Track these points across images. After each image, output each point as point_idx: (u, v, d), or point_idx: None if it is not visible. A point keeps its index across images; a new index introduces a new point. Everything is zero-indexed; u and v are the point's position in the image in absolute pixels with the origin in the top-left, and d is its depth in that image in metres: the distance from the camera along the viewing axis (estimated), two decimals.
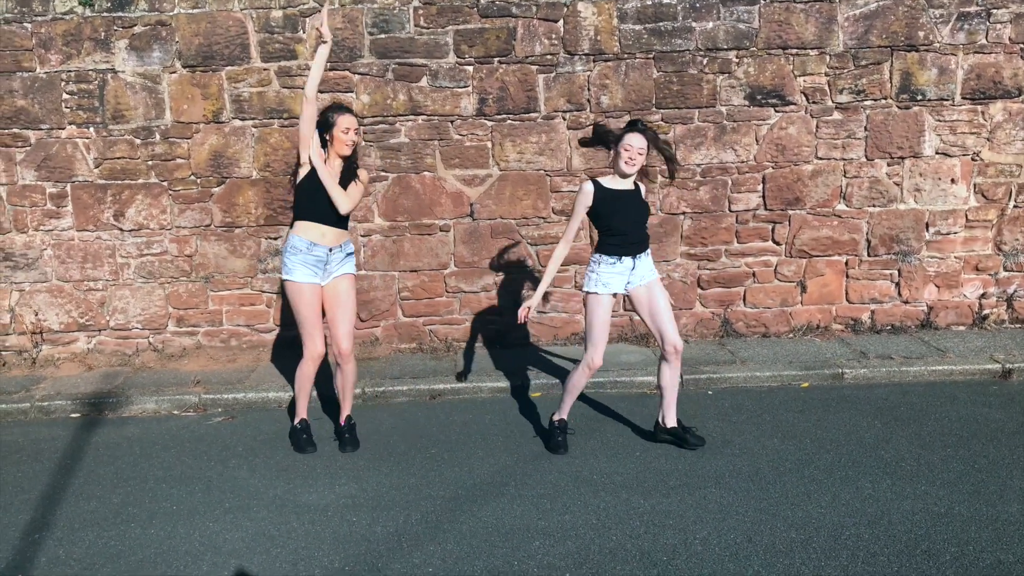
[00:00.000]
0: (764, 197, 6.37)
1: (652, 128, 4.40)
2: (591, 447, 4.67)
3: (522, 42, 6.10)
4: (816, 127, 6.28)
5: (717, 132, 6.25)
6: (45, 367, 6.21)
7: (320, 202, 4.52)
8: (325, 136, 4.57)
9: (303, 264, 4.54)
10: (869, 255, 6.48)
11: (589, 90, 6.16)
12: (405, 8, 6.02)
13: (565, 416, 4.67)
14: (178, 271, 6.31)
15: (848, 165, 6.34)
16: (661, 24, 6.10)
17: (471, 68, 6.11)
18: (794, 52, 6.17)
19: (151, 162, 6.15)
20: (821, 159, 6.33)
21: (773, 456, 4.48)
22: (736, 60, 6.17)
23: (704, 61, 6.15)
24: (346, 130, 4.52)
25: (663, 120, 6.20)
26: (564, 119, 6.20)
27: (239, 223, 6.24)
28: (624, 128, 4.34)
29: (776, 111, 6.25)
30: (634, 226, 4.35)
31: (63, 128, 6.09)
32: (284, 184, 6.18)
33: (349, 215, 4.67)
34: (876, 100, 6.26)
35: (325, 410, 5.33)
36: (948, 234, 6.46)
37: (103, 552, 3.68)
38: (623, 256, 4.33)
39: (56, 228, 6.21)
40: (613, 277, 4.35)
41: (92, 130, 6.10)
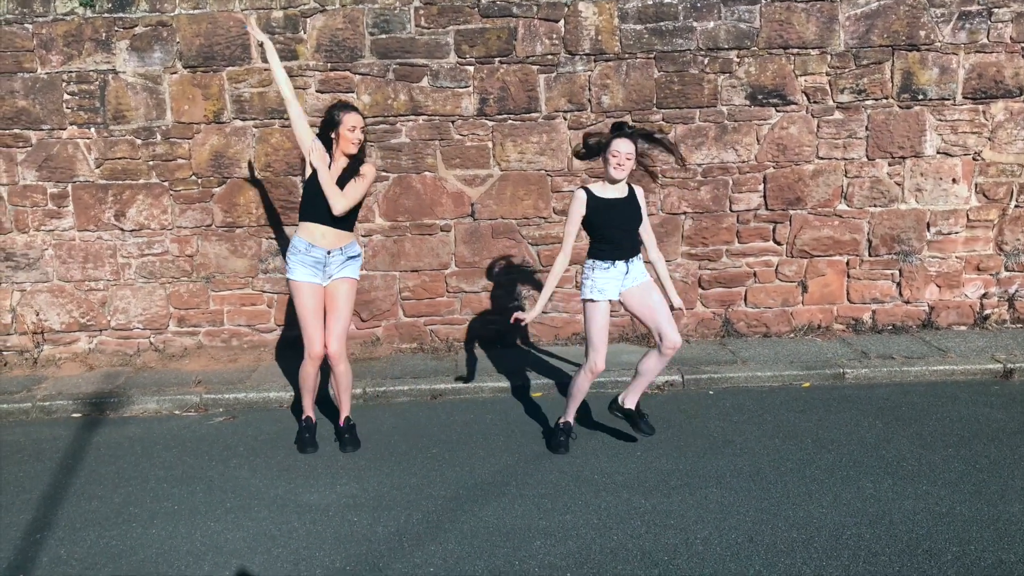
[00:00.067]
0: (765, 197, 6.36)
1: (641, 128, 4.37)
2: (592, 447, 4.67)
3: (523, 42, 6.10)
4: (817, 127, 6.28)
5: (718, 132, 6.25)
6: (46, 367, 6.22)
7: (320, 203, 4.49)
8: (331, 134, 4.53)
9: (302, 264, 4.54)
10: (870, 255, 6.47)
11: (590, 90, 6.16)
12: (406, 8, 6.02)
13: (570, 419, 4.69)
14: (179, 271, 6.31)
15: (849, 165, 6.34)
16: (662, 24, 6.10)
17: (472, 68, 6.11)
18: (795, 52, 6.17)
19: (152, 162, 6.16)
20: (822, 159, 6.33)
21: (774, 456, 4.48)
22: (737, 60, 6.16)
23: (705, 61, 6.15)
24: (352, 128, 4.47)
25: (664, 120, 6.20)
26: (565, 119, 6.20)
27: (240, 223, 6.25)
28: (610, 133, 4.28)
29: (777, 111, 6.25)
30: (625, 234, 4.35)
31: (64, 128, 6.10)
32: (285, 184, 6.18)
33: (355, 216, 4.65)
34: (877, 100, 6.26)
35: (325, 412, 5.33)
36: (949, 234, 6.46)
37: (105, 552, 3.69)
38: (616, 260, 4.33)
39: (57, 228, 6.22)
40: (608, 282, 4.35)
41: (93, 130, 6.10)
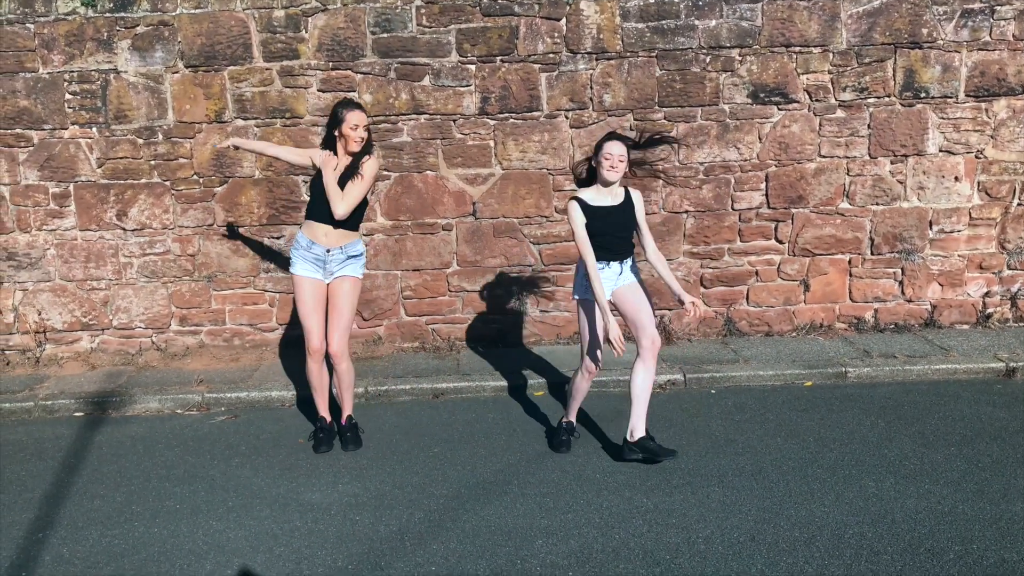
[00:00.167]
0: (767, 195, 6.35)
1: (632, 139, 4.38)
2: (594, 446, 4.67)
3: (524, 41, 6.09)
4: (819, 125, 6.27)
5: (720, 130, 6.24)
6: (48, 366, 6.22)
7: (322, 203, 4.50)
8: (334, 132, 4.52)
9: (303, 259, 4.58)
10: (872, 253, 6.46)
11: (592, 89, 6.16)
12: (407, 7, 6.02)
13: (572, 419, 4.70)
14: (181, 270, 6.31)
15: (851, 163, 6.33)
16: (664, 22, 6.09)
17: (473, 67, 6.11)
18: (797, 50, 6.15)
19: (154, 162, 6.16)
20: (824, 157, 6.32)
21: (776, 455, 4.47)
22: (739, 58, 6.16)
23: (707, 59, 6.14)
24: (354, 127, 4.45)
25: (666, 119, 6.20)
26: (567, 118, 6.19)
27: (241, 222, 6.25)
28: (601, 139, 4.34)
29: (779, 109, 6.24)
30: (618, 240, 4.35)
31: (66, 128, 6.10)
32: (286, 183, 6.18)
33: (360, 216, 4.63)
34: (879, 98, 6.24)
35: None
36: (952, 232, 6.44)
37: (107, 550, 3.69)
38: (611, 262, 4.34)
39: (59, 228, 6.22)
40: (602, 282, 4.35)
41: (95, 130, 6.10)
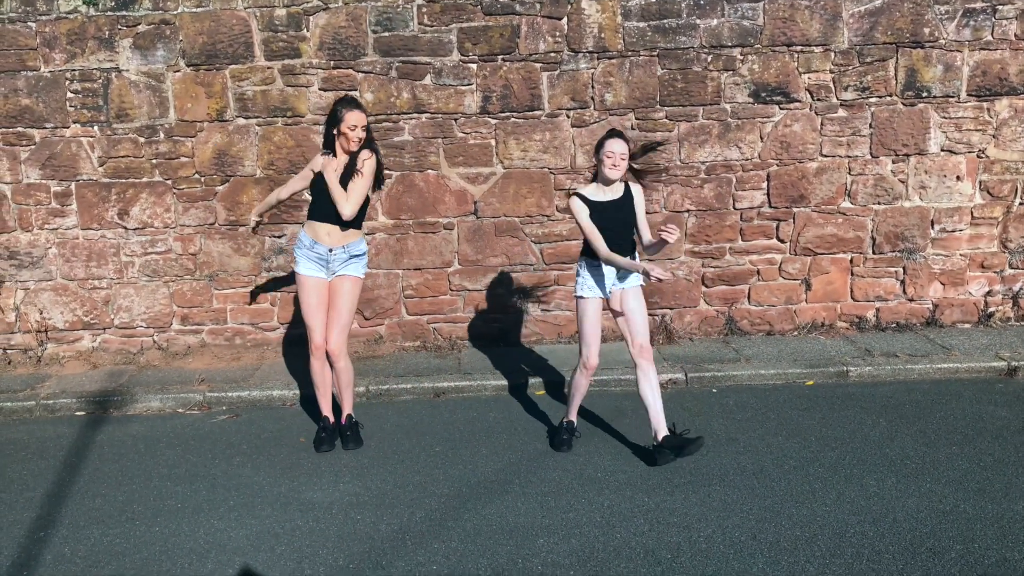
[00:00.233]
0: (768, 195, 6.35)
1: (634, 146, 4.41)
2: (595, 445, 4.67)
3: (526, 40, 6.09)
4: (821, 124, 6.26)
5: (721, 130, 6.24)
6: (50, 365, 6.23)
7: (324, 203, 4.50)
8: (333, 131, 4.52)
9: (306, 258, 4.60)
10: (874, 253, 6.46)
11: (593, 88, 6.15)
12: (409, 6, 6.01)
13: (573, 418, 4.70)
14: (182, 269, 6.32)
15: (853, 162, 6.32)
16: (665, 21, 6.08)
17: (475, 66, 6.11)
18: (799, 49, 6.15)
19: (155, 161, 6.16)
20: (826, 156, 6.31)
21: (778, 454, 4.47)
22: (741, 57, 6.15)
23: (708, 58, 6.14)
24: (353, 127, 4.45)
25: (667, 118, 6.19)
26: (568, 117, 6.19)
27: (243, 221, 6.24)
28: (602, 136, 4.35)
29: (781, 108, 6.23)
30: (618, 235, 4.35)
31: (67, 127, 6.10)
32: (288, 182, 6.16)
33: (363, 215, 4.63)
34: (881, 97, 6.24)
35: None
36: (953, 231, 6.44)
37: (108, 549, 3.69)
38: None
39: (61, 227, 6.22)
40: (600, 280, 4.38)
41: (96, 129, 6.10)
